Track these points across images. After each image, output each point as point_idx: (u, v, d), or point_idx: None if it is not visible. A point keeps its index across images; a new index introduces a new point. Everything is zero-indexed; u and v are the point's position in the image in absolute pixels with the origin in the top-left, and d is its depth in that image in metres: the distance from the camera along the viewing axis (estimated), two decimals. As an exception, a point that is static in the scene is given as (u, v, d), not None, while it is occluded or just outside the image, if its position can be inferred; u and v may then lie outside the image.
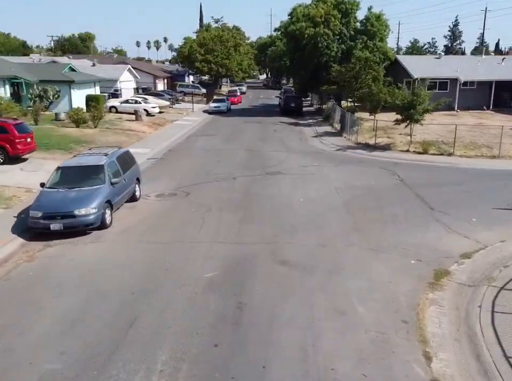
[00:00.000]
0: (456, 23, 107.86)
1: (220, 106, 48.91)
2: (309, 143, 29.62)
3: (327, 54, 42.49)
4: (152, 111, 41.64)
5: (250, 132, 34.28)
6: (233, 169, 20.99)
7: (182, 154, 25.14)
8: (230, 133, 33.37)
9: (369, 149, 26.49)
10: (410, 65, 43.22)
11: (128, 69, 55.47)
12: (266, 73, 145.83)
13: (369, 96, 33.43)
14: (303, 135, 33.01)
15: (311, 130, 36.24)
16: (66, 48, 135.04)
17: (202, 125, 38.70)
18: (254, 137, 31.32)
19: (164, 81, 73.11)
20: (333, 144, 28.73)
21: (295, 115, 45.94)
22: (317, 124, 40.10)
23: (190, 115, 45.73)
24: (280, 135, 32.60)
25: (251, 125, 38.73)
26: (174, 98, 52.16)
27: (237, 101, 61.00)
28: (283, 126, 37.99)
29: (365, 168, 21.29)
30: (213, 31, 79.07)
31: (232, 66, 74.52)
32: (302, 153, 25.46)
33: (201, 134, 33.45)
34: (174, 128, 35.47)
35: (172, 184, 17.96)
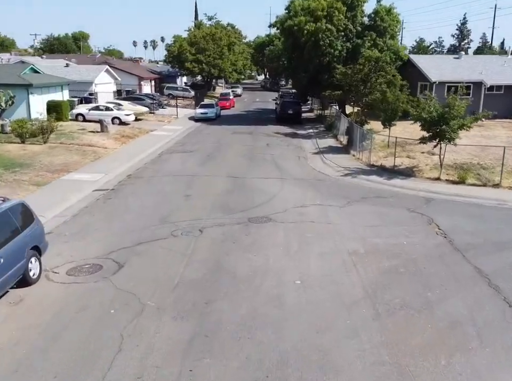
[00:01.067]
0: (464, 21, 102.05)
1: (207, 112, 42.94)
2: (309, 164, 23.65)
3: (329, 53, 36.54)
4: (126, 119, 35.69)
5: (238, 146, 28.32)
6: (203, 211, 15.04)
7: (142, 183, 19.18)
8: (213, 149, 27.41)
9: (387, 175, 20.55)
10: (426, 67, 37.28)
11: (106, 70, 49.47)
12: (265, 73, 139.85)
13: (381, 103, 27.61)
14: (302, 152, 27.03)
15: (312, 144, 30.27)
16: (56, 47, 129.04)
17: (182, 137, 32.73)
18: (242, 155, 25.35)
19: (150, 83, 67.14)
20: (339, 165, 22.77)
21: (293, 123, 39.95)
22: (318, 134, 34.12)
23: (172, 123, 39.75)
24: (274, 152, 26.64)
25: (240, 136, 32.77)
26: (156, 103, 46.18)
27: (229, 105, 55.08)
28: (278, 139, 32.03)
29: (387, 211, 15.34)
30: (205, 29, 73.19)
31: (225, 66, 68.67)
32: (300, 182, 19.51)
33: (178, 149, 27.48)
34: (147, 142, 29.51)
35: (104, 244, 12.00)
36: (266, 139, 31.58)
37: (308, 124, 40.83)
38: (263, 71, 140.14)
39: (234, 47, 73.44)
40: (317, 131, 36.26)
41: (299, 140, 31.82)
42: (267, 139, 31.87)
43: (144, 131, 33.53)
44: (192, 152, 26.32)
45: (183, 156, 25.22)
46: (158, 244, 12.05)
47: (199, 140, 31.23)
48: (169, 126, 38.00)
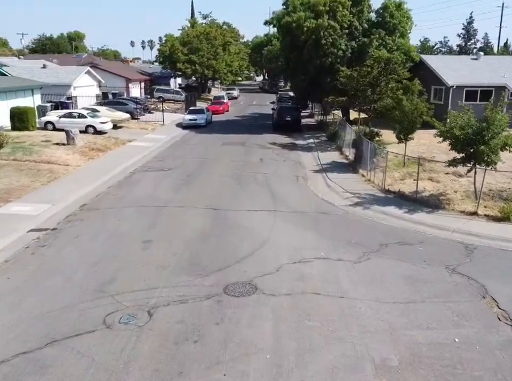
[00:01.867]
0: (470, 20, 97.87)
1: (196, 119, 38.73)
2: (310, 187, 19.42)
3: (332, 54, 32.36)
4: (102, 127, 31.48)
5: (226, 162, 24.12)
6: (162, 272, 10.83)
7: (94, 218, 14.96)
8: (197, 165, 23.21)
9: (408, 205, 16.32)
10: (441, 69, 33.11)
11: (87, 72, 45.26)
12: (263, 74, 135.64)
13: (396, 111, 23.62)
14: (301, 170, 22.84)
15: (312, 158, 26.07)
16: (48, 47, 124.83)
17: (164, 149, 28.51)
18: (229, 175, 21.13)
19: (140, 85, 62.93)
20: (347, 190, 18.55)
21: (291, 131, 35.79)
22: (319, 146, 29.90)
23: (157, 131, 35.54)
24: (268, 169, 22.43)
25: (231, 148, 28.57)
26: (142, 107, 41.95)
27: (222, 110, 50.87)
28: (274, 152, 27.81)
29: (419, 270, 11.11)
30: (198, 28, 69.01)
31: (219, 67, 64.47)
32: (299, 216, 15.29)
33: (155, 166, 23.27)
34: (120, 156, 25.29)
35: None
36: (260, 152, 27.36)
37: (308, 131, 36.62)
38: (262, 72, 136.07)
39: (229, 47, 69.27)
40: (318, 141, 32.04)
41: (298, 153, 27.62)
42: (261, 151, 27.65)
43: (121, 142, 29.31)
44: (171, 170, 22.11)
45: (158, 176, 20.99)
46: (77, 346, 7.82)
47: (182, 153, 27.00)
48: (152, 134, 33.79)
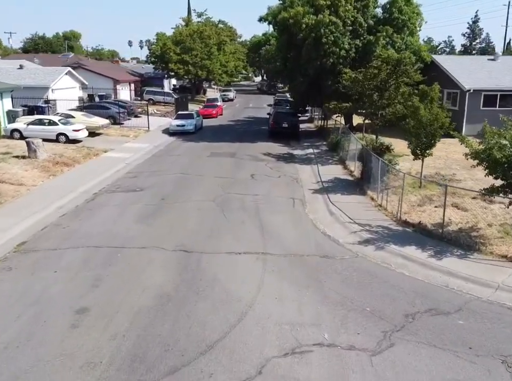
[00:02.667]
0: (476, 19, 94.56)
1: (184, 124, 35.25)
2: (309, 215, 15.88)
3: (334, 53, 28.87)
4: (75, 136, 28.03)
5: (210, 180, 20.60)
6: (85, 377, 7.31)
7: (25, 268, 11.42)
8: (175, 185, 19.69)
9: (433, 246, 12.80)
10: (456, 71, 29.69)
11: (68, 73, 41.75)
12: (262, 75, 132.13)
13: (403, 116, 20.34)
14: (299, 189, 19.32)
15: (312, 173, 22.60)
16: (40, 47, 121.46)
17: (142, 162, 24.99)
18: (212, 198, 17.59)
19: (129, 87, 59.43)
20: (354, 219, 15.05)
21: (289, 139, 32.35)
22: (320, 157, 26.44)
23: (139, 139, 32.04)
24: (260, 190, 18.90)
25: (219, 161, 25.08)
26: (126, 111, 38.46)
27: (215, 113, 47.43)
28: (268, 164, 24.31)
29: (464, 368, 7.62)
30: (192, 26, 65.56)
31: (214, 68, 61.01)
32: (294, 265, 11.72)
33: (126, 185, 19.76)
34: (89, 172, 21.78)
35: None
36: (251, 165, 23.88)
37: (307, 139, 33.15)
38: (260, 72, 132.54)
39: (225, 46, 65.82)
40: (318, 151, 28.53)
41: (295, 166, 24.13)
42: (253, 164, 24.16)
43: (94, 153, 25.82)
44: (143, 191, 18.61)
45: (126, 199, 17.47)
46: None
47: (162, 166, 23.50)
48: (132, 143, 30.28)
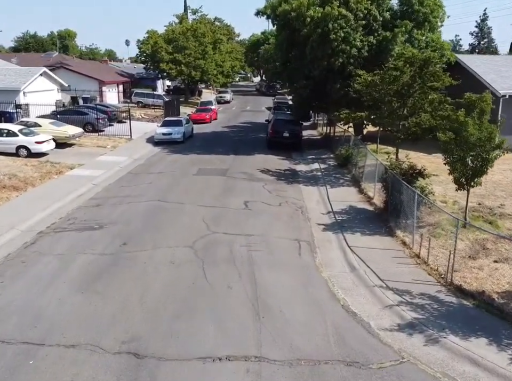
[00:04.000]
0: (484, 17, 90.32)
1: (171, 133, 30.92)
2: (322, 271, 11.49)
3: (344, 52, 24.58)
4: (39, 149, 23.70)
5: (192, 212, 16.21)
6: None
7: None
8: (144, 221, 15.27)
9: (505, 336, 8.54)
10: (486, 73, 25.36)
11: (43, 73, 37.35)
12: (261, 75, 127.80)
13: (431, 129, 16.39)
14: (305, 226, 14.92)
15: (320, 198, 18.28)
16: (31, 46, 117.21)
17: (114, 182, 20.61)
18: (190, 243, 13.18)
19: (117, 88, 55.09)
20: (386, 282, 10.72)
21: (290, 150, 28.10)
22: (328, 175, 22.16)
23: (117, 150, 27.69)
24: (254, 228, 14.49)
25: (206, 182, 20.72)
26: (107, 117, 34.11)
27: (209, 118, 43.09)
28: (266, 186, 19.94)
29: None
30: (185, 23, 61.18)
31: (208, 68, 56.66)
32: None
33: (81, 221, 15.34)
34: (39, 199, 17.37)
35: None
36: (246, 188, 19.53)
37: (311, 150, 28.86)
38: (259, 72, 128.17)
39: (220, 45, 61.46)
40: (325, 166, 24.23)
41: (299, 189, 19.81)
42: (248, 187, 19.81)
43: (58, 170, 21.48)
44: (102, 230, 14.25)
45: (75, 244, 13.11)
46: None
47: (135, 189, 19.13)
48: (108, 156, 25.94)
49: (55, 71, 45.91)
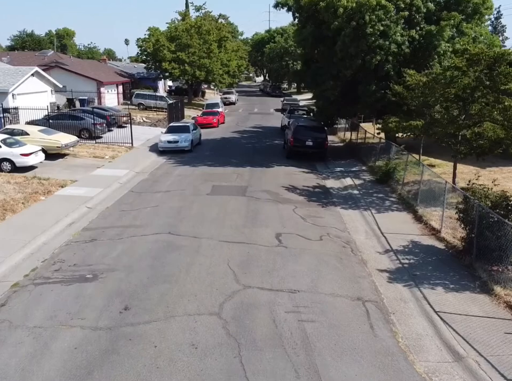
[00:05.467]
0: (498, 15, 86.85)
1: (177, 140, 27.39)
2: (412, 360, 7.93)
3: (382, 48, 21.06)
4: (25, 162, 20.18)
5: (213, 247, 12.71)
6: None
7: None
8: (153, 262, 11.75)
9: None
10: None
11: (35, 73, 33.76)
12: (264, 75, 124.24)
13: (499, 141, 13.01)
14: (362, 273, 11.28)
15: (368, 228, 14.71)
16: (28, 45, 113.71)
17: (112, 204, 17.05)
18: (216, 302, 9.68)
19: (117, 89, 51.54)
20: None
21: (314, 160, 24.64)
22: (367, 194, 18.61)
23: (116, 162, 24.15)
24: (297, 277, 10.90)
25: (224, 203, 17.13)
26: (105, 122, 30.55)
27: (216, 122, 39.56)
28: (297, 211, 16.35)
29: None
30: (189, 20, 57.64)
31: (214, 67, 53.10)
32: None
33: (72, 264, 11.78)
34: (21, 230, 13.75)
35: None
36: (273, 213, 15.95)
37: (336, 160, 25.39)
38: (262, 72, 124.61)
39: (226, 43, 57.89)
40: (360, 181, 20.69)
41: (338, 214, 16.24)
42: (275, 211, 16.24)
43: (45, 189, 17.91)
44: (95, 283, 10.64)
45: (60, 308, 9.52)
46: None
47: (138, 216, 15.55)
48: (106, 168, 22.38)
49: (50, 70, 42.41)
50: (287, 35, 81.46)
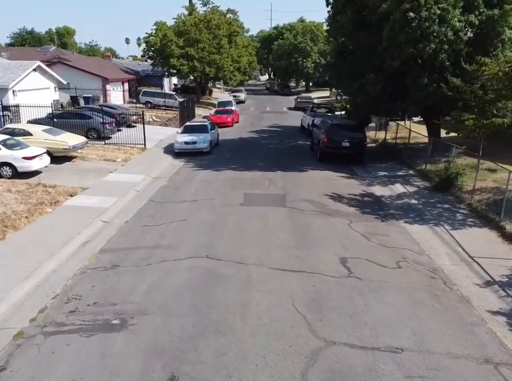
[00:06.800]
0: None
1: (195, 141, 24.70)
2: None
3: (437, 36, 18.32)
4: (28, 167, 17.52)
5: (265, 275, 10.07)
6: None
7: None
8: (192, 300, 9.12)
9: None
10: None
11: (37, 68, 31.06)
12: (269, 73, 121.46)
13: None
14: (469, 318, 8.54)
15: (449, 250, 11.98)
16: (28, 42, 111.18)
17: (131, 217, 14.35)
18: (295, 375, 7.04)
19: (122, 87, 48.84)
20: None
21: (350, 163, 21.98)
22: (428, 203, 15.94)
23: (130, 164, 21.47)
24: (389, 327, 8.21)
25: (263, 216, 14.42)
26: (114, 121, 27.87)
27: (231, 121, 36.90)
28: (352, 223, 13.66)
29: None
30: (197, 15, 55.03)
31: (224, 64, 50.40)
32: None
33: (91, 303, 9.13)
34: (27, 253, 11.12)
35: None
36: (326, 230, 13.23)
37: (375, 162, 22.76)
38: (267, 70, 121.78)
39: (236, 38, 55.20)
40: (414, 188, 17.95)
41: (404, 230, 13.51)
42: (327, 227, 13.52)
43: (52, 199, 15.21)
44: (125, 332, 7.97)
45: (72, 379, 6.88)
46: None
47: (164, 234, 12.85)
48: (119, 173, 19.67)
49: (52, 67, 39.65)
50: (295, 31, 78.73)
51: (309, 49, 74.56)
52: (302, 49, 74.74)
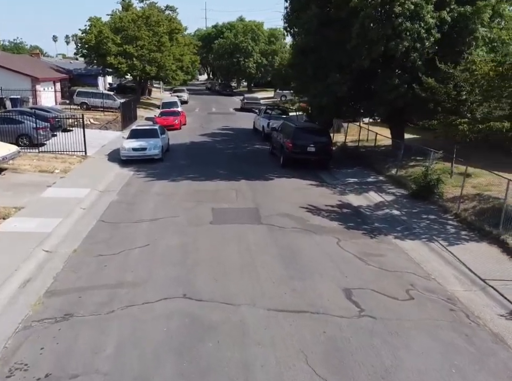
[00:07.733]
0: None
1: (145, 147, 22.26)
2: None
3: (410, 32, 17.21)
4: None
5: (263, 327, 8.18)
6: None
7: None
8: (176, 368, 7.06)
9: None
10: None
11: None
12: (208, 73, 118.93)
13: None
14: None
15: (456, 272, 10.69)
16: None
17: (79, 244, 11.91)
18: None
19: (54, 87, 44.84)
20: None
21: (315, 169, 20.59)
22: (412, 214, 14.71)
23: (71, 176, 18.72)
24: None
25: (238, 237, 12.50)
26: (49, 125, 24.74)
27: (178, 124, 34.54)
28: (341, 242, 12.06)
29: None
30: (134, 11, 51.95)
31: (166, 62, 47.72)
32: None
33: None
34: None
35: None
36: (316, 252, 11.52)
37: (340, 167, 21.44)
38: (206, 69, 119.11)
39: (177, 35, 52.62)
40: (391, 197, 16.73)
41: (400, 249, 12.11)
42: (316, 247, 11.83)
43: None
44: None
45: None
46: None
47: (125, 266, 10.58)
48: (59, 188, 16.92)
49: (-28, 64, 35.46)
50: (235, 31, 77.05)
51: (250, 49, 73.18)
52: (243, 49, 73.18)
